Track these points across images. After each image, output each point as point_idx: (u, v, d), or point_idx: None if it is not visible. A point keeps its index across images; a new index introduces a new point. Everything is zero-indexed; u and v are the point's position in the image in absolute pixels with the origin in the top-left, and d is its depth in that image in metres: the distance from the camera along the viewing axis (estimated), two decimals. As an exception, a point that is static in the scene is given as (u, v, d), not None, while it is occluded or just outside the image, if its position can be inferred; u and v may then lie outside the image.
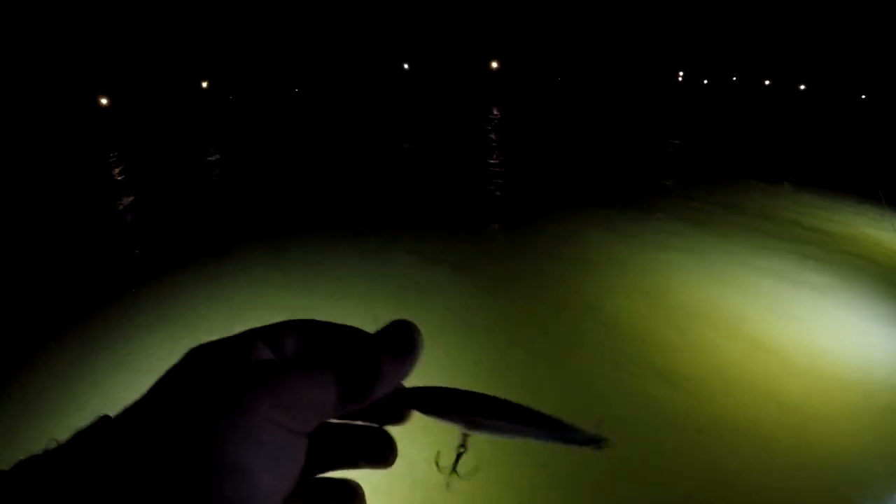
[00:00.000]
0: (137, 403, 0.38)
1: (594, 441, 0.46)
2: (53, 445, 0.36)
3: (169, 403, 0.37)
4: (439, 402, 0.48)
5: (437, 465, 0.51)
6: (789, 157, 18.49)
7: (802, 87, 58.85)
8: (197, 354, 0.41)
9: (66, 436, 0.37)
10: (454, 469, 0.51)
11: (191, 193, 12.25)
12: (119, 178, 13.62)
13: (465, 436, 0.49)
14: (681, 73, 63.10)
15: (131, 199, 11.82)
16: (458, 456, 0.50)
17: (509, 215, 10.98)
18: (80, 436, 0.36)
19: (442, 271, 7.79)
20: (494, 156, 16.61)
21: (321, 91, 35.95)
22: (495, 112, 27.67)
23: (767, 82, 62.34)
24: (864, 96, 52.95)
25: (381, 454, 0.48)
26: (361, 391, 0.43)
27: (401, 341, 0.45)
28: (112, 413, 0.38)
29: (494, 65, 60.41)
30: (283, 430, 0.38)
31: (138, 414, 0.37)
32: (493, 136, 20.71)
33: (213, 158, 16.02)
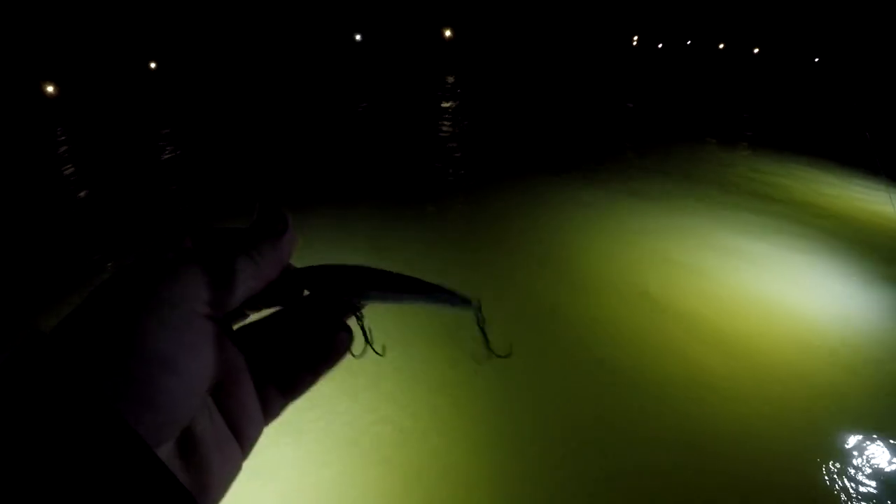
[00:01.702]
0: (67, 316, 0.40)
1: (468, 302, 0.52)
2: None
3: (94, 309, 0.39)
4: (328, 279, 0.52)
5: (351, 353, 0.54)
6: (744, 119, 18.31)
7: (756, 50, 58.95)
8: (121, 268, 0.43)
9: None
10: (366, 339, 0.55)
11: (142, 184, 11.21)
12: (70, 172, 12.37)
13: (357, 306, 0.54)
14: (635, 38, 62.53)
15: (84, 192, 10.78)
16: (361, 325, 0.55)
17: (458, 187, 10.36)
18: (11, 354, 0.36)
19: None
20: (448, 124, 15.93)
21: (273, 66, 34.35)
22: (450, 80, 26.72)
23: (721, 46, 62.32)
24: (816, 60, 53.23)
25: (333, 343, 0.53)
26: (269, 270, 0.48)
27: (274, 222, 0.50)
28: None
29: (448, 33, 58.97)
30: (203, 318, 0.42)
31: (69, 324, 0.39)
32: (447, 104, 19.94)
33: (166, 143, 14.90)
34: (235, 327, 0.52)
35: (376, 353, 0.56)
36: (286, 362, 0.52)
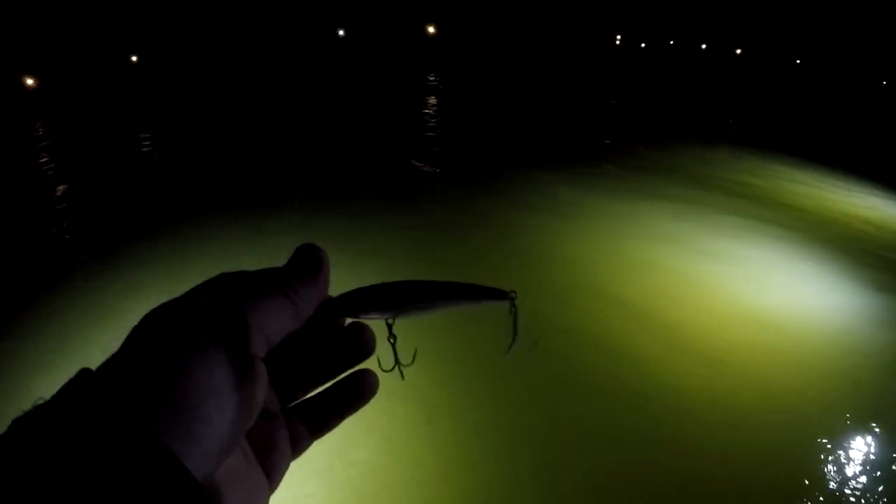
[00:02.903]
0: (114, 354, 0.42)
1: (505, 295, 0.53)
2: (40, 402, 0.38)
3: (135, 353, 0.41)
4: (358, 302, 0.52)
5: (380, 367, 0.56)
6: (726, 119, 18.35)
7: (738, 51, 59.35)
8: (154, 314, 0.44)
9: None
10: (396, 360, 0.56)
11: (122, 179, 10.86)
12: (49, 167, 11.99)
13: (390, 324, 0.55)
14: (618, 37, 62.67)
15: (64, 187, 10.48)
16: (393, 345, 0.56)
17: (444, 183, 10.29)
18: (63, 391, 0.38)
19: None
20: (431, 122, 15.77)
21: (256, 60, 34.03)
22: (433, 78, 26.41)
23: (704, 46, 62.65)
24: (798, 61, 53.72)
25: (359, 390, 0.55)
26: (307, 307, 0.50)
27: (309, 261, 0.51)
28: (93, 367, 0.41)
29: (431, 30, 58.68)
30: (251, 357, 0.44)
31: (115, 362, 0.41)
32: (430, 100, 19.69)
33: (146, 138, 14.58)
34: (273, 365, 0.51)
35: (402, 375, 0.56)
36: (316, 403, 0.55)
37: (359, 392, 0.55)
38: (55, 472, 0.32)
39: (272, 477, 0.50)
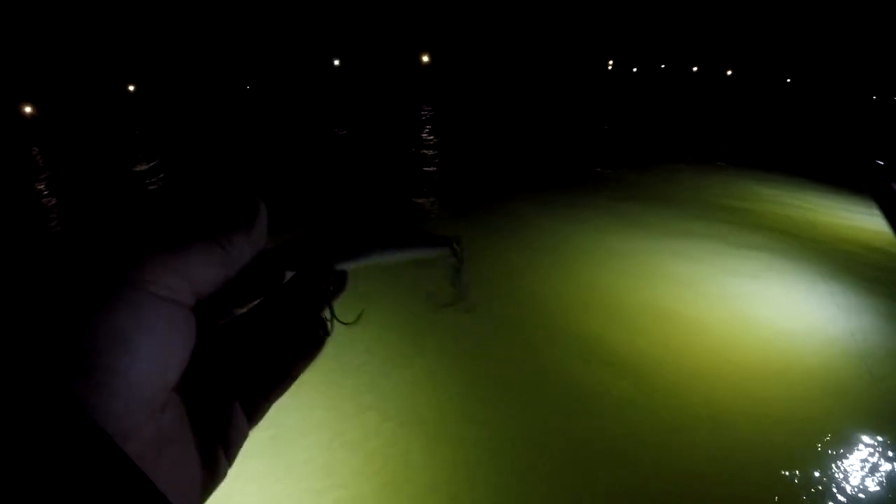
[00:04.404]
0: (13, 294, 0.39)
1: (449, 242, 0.52)
2: None
3: (47, 291, 0.38)
4: (302, 251, 0.50)
5: (330, 322, 0.52)
6: (720, 140, 18.44)
7: (729, 72, 60.13)
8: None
9: None
10: (331, 313, 0.52)
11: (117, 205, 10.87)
12: (45, 193, 12.00)
13: (339, 275, 0.51)
14: (610, 62, 63.54)
15: (58, 213, 10.41)
16: (329, 296, 0.51)
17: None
18: None
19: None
20: (426, 150, 15.71)
21: (252, 90, 34.31)
22: (427, 107, 26.58)
23: (695, 69, 63.49)
24: (788, 80, 54.42)
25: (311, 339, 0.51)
26: (239, 255, 0.47)
27: (244, 210, 0.49)
28: None
29: (426, 59, 59.44)
30: (164, 301, 0.40)
31: (13, 319, 0.38)
32: (425, 129, 19.80)
33: (144, 168, 14.58)
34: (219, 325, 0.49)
35: (342, 322, 0.53)
36: (268, 360, 0.50)
37: (308, 342, 0.51)
38: None
39: (227, 449, 0.46)
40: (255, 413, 0.50)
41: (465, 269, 0.56)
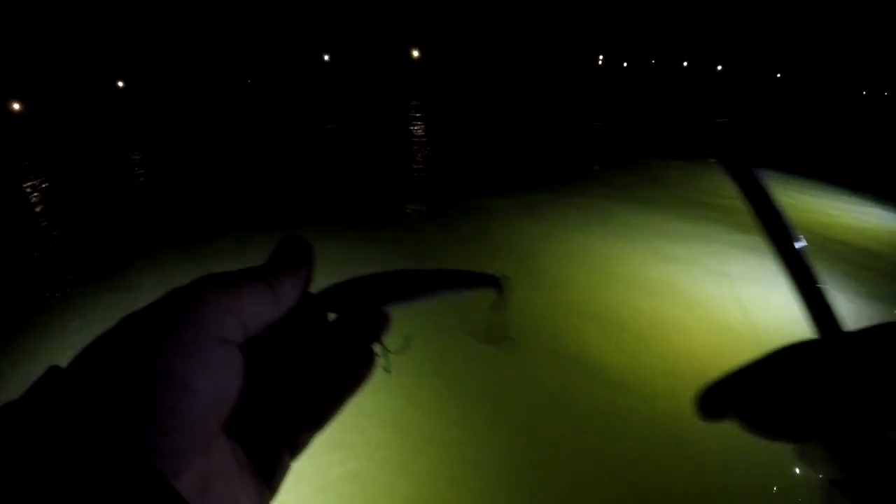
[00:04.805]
0: (84, 349, 0.39)
1: (496, 281, 0.53)
2: (8, 402, 0.37)
3: (111, 339, 0.39)
4: (346, 295, 0.51)
5: (384, 356, 0.53)
6: (711, 135, 18.42)
7: (720, 67, 60.33)
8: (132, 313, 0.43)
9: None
10: (385, 350, 0.53)
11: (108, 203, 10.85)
12: (34, 190, 11.89)
13: (381, 315, 0.52)
14: (601, 57, 63.56)
15: (48, 213, 10.37)
16: (378, 335, 0.53)
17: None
18: (32, 390, 0.37)
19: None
20: (415, 145, 15.73)
21: (242, 86, 34.12)
22: (416, 101, 26.57)
23: (685, 64, 63.61)
24: (778, 75, 54.66)
25: (356, 370, 0.52)
26: (288, 295, 0.47)
27: (292, 252, 0.50)
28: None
29: (416, 53, 59.25)
30: (216, 340, 0.40)
31: (84, 355, 0.39)
32: (415, 124, 19.77)
33: (132, 161, 14.74)
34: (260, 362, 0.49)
35: (389, 351, 0.54)
36: (312, 394, 0.51)
37: (355, 371, 0.52)
38: (24, 471, 0.31)
39: (270, 481, 0.47)
40: (297, 446, 0.50)
41: (509, 307, 0.55)
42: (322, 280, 0.52)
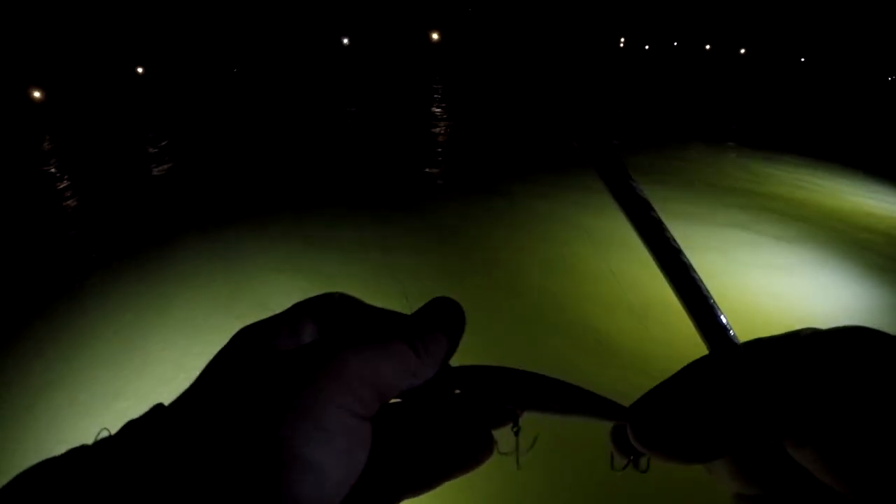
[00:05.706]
0: (192, 391, 0.37)
1: (625, 415, 0.47)
2: (105, 435, 0.35)
3: (227, 392, 0.36)
4: (485, 381, 0.48)
5: (497, 451, 0.51)
6: (733, 119, 18.29)
7: (742, 50, 59.35)
8: (246, 336, 0.41)
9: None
10: (518, 445, 0.51)
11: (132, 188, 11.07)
12: (58, 177, 12.09)
13: (517, 414, 0.50)
14: (622, 40, 62.79)
15: (73, 200, 10.46)
16: (516, 433, 0.50)
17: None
18: (134, 425, 0.35)
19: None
20: (436, 129, 15.82)
21: (262, 71, 34.23)
22: (437, 85, 26.41)
23: (708, 47, 62.66)
24: (803, 59, 53.68)
25: (474, 450, 0.47)
26: (430, 366, 0.44)
27: (446, 315, 0.46)
28: (166, 402, 0.37)
29: (435, 36, 58.95)
30: (351, 416, 0.37)
31: (195, 403, 0.36)
32: (435, 108, 19.73)
33: (155, 148, 14.78)
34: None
35: (517, 463, 0.50)
36: (422, 463, 0.46)
37: (472, 451, 0.47)
38: None
39: None
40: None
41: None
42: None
